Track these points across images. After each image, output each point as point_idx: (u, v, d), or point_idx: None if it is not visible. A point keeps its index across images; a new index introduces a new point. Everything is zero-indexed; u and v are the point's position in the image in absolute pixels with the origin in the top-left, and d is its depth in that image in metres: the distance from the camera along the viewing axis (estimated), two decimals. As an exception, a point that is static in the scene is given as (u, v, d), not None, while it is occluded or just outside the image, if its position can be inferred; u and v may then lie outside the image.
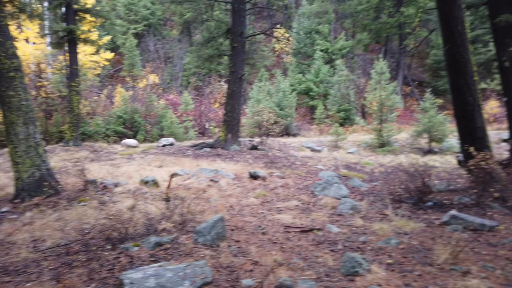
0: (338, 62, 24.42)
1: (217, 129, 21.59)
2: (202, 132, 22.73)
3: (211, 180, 7.84)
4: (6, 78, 6.38)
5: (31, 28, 18.74)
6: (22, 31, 18.74)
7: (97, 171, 9.12)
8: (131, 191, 6.91)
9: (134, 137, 19.63)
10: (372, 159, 12.12)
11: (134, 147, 14.43)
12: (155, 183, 7.43)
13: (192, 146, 13.14)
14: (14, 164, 6.38)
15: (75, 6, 13.49)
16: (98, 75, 23.53)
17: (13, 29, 16.71)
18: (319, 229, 5.21)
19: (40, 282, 3.41)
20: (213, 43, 13.83)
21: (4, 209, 5.89)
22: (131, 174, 9.08)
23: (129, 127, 20.90)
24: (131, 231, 4.65)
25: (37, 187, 6.34)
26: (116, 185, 7.31)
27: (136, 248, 4.19)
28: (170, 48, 30.98)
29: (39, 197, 6.16)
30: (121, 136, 20.27)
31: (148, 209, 5.76)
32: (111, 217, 4.72)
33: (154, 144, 15.56)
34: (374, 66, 15.79)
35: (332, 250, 4.43)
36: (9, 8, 7.37)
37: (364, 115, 22.17)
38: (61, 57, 18.54)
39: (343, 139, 15.48)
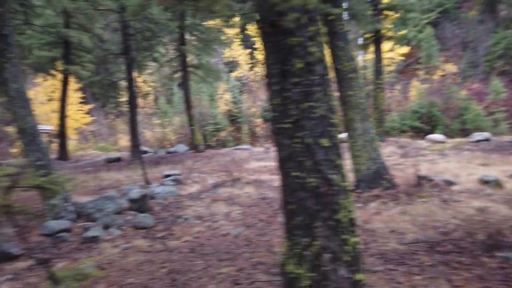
0: None
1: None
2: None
3: None
4: (346, 80, 7.05)
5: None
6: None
7: (412, 167, 8.91)
8: (470, 190, 6.19)
9: (431, 132, 18.44)
10: None
11: (442, 142, 13.39)
12: (497, 184, 6.36)
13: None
14: (353, 157, 7.00)
15: (381, 6, 13.88)
16: (390, 71, 23.76)
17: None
18: None
19: (427, 278, 3.33)
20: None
21: (349, 197, 6.54)
22: (455, 171, 8.29)
23: (425, 122, 19.88)
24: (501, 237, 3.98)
25: (373, 180, 6.68)
26: (449, 182, 6.76)
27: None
28: (468, 32, 27.36)
29: (377, 189, 6.47)
30: (417, 131, 19.60)
31: (503, 212, 4.89)
32: (466, 217, 4.23)
33: (464, 139, 13.91)
34: None
35: None
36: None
37: None
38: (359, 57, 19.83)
39: None
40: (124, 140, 31.13)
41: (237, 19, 30.59)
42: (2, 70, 6.43)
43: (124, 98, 31.58)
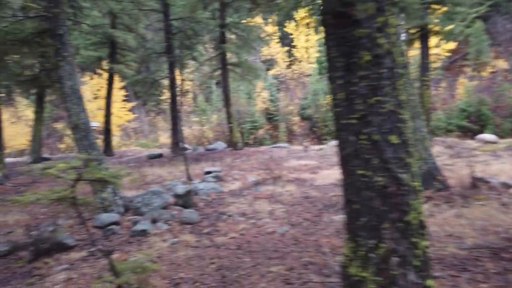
0: None
1: None
2: None
3: None
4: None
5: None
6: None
7: (464, 168, 8.43)
8: (533, 194, 5.75)
9: (479, 132, 17.43)
10: None
11: (494, 142, 12.61)
12: None
13: None
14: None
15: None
16: (436, 68, 22.71)
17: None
18: None
19: (494, 287, 3.09)
20: None
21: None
22: (511, 173, 7.76)
23: (474, 121, 18.84)
24: None
25: (425, 180, 6.36)
26: (507, 185, 6.32)
27: None
28: (522, 25, 25.55)
29: (429, 190, 6.16)
30: (464, 131, 18.61)
31: None
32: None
33: (518, 140, 13.04)
34: None
35: None
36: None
37: None
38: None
39: None
40: (164, 137, 31.99)
41: (275, 17, 30.40)
42: (57, 68, 6.73)
43: (164, 96, 32.47)
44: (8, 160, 17.04)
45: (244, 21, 17.34)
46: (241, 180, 9.50)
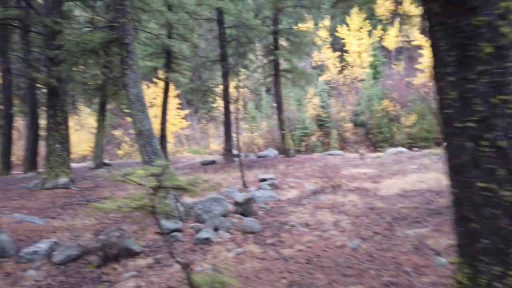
0: None
1: None
2: None
3: None
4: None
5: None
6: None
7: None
8: None
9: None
10: None
11: None
12: None
13: None
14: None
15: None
16: None
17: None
18: None
19: None
20: None
21: None
22: None
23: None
24: None
25: None
26: None
27: None
28: None
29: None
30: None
31: None
32: None
33: None
34: None
35: None
36: None
37: None
38: None
39: None
40: (215, 144, 32.53)
41: (327, 21, 29.83)
42: (123, 76, 6.92)
43: (215, 104, 33.10)
44: (72, 165, 18.13)
45: (296, 27, 17.16)
46: (298, 188, 9.21)
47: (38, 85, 17.59)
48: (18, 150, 23.96)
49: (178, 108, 27.71)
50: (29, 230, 6.18)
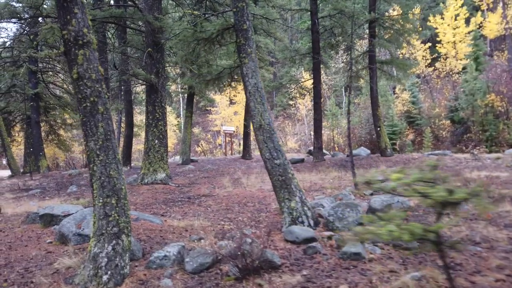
0: None
1: None
2: None
3: None
4: None
5: None
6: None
7: None
8: None
9: None
10: None
11: None
12: None
13: None
14: None
15: None
16: None
17: None
18: None
19: None
20: None
21: None
22: None
23: None
24: None
25: None
26: None
27: None
28: None
29: None
30: None
31: None
32: None
33: None
34: None
35: None
36: None
37: None
38: None
39: None
40: (292, 142, 31.72)
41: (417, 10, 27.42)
42: (241, 65, 6.32)
43: (292, 100, 32.19)
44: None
45: (394, 13, 15.58)
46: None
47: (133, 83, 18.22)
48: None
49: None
50: (148, 229, 5.84)
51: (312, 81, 15.94)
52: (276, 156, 5.89)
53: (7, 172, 24.30)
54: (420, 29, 29.54)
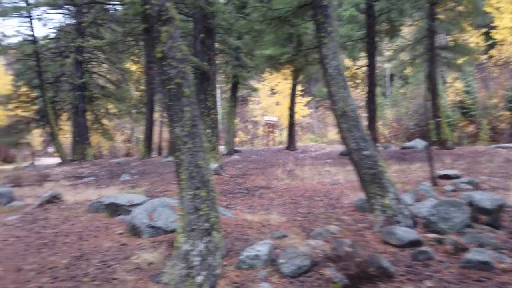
0: None
1: None
2: None
3: None
4: None
5: None
6: None
7: None
8: None
9: None
10: None
11: None
12: None
13: None
14: None
15: None
16: None
17: None
18: None
19: None
20: None
21: None
22: None
23: None
24: None
25: None
26: None
27: None
28: None
29: None
30: None
31: None
32: None
33: None
34: None
35: None
36: None
37: None
38: None
39: None
40: (333, 133, 30.79)
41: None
42: (321, 46, 5.72)
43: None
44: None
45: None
46: (513, 190, 7.07)
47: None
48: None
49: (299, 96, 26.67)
50: (223, 223, 5.41)
51: (364, 68, 15.07)
52: (365, 147, 5.28)
53: (51, 160, 25.03)
54: (484, 12, 27.63)
